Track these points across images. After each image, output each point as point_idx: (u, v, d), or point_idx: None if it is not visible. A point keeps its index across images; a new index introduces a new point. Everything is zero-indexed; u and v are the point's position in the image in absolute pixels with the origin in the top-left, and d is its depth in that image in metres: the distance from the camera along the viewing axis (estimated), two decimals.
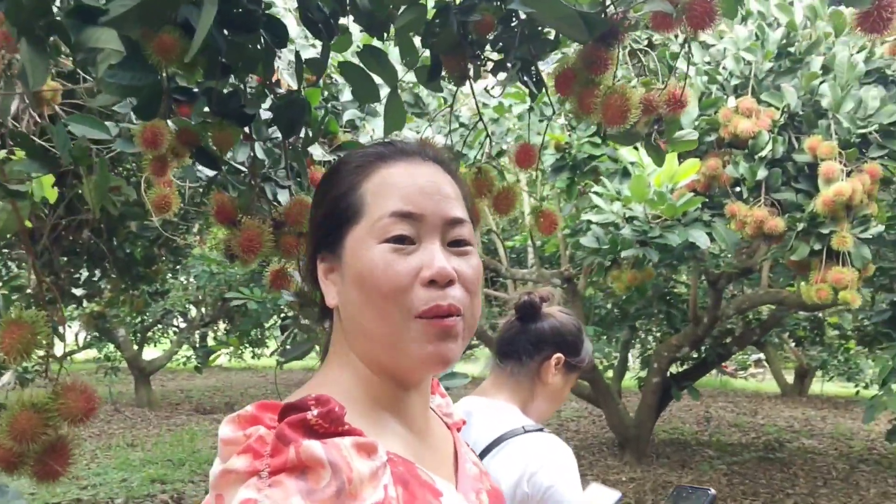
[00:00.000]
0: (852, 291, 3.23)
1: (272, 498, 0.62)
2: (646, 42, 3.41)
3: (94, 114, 2.37)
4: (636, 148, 3.44)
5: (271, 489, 0.63)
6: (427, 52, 1.79)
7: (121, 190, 2.12)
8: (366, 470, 0.66)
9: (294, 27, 2.69)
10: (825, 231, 3.34)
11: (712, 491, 0.93)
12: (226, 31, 1.44)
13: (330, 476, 0.63)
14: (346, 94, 3.01)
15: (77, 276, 5.36)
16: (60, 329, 2.19)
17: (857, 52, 3.54)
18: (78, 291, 5.72)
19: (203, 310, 11.28)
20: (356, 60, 1.83)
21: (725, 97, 3.65)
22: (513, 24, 1.70)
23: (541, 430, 1.61)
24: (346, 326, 0.82)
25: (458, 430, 1.02)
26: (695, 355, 7.65)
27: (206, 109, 1.65)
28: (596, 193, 3.66)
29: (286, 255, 1.77)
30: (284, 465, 0.64)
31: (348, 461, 0.65)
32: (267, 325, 10.78)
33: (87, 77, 2.88)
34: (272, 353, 14.24)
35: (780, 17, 3.66)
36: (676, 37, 4.12)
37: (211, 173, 1.76)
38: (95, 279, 5.49)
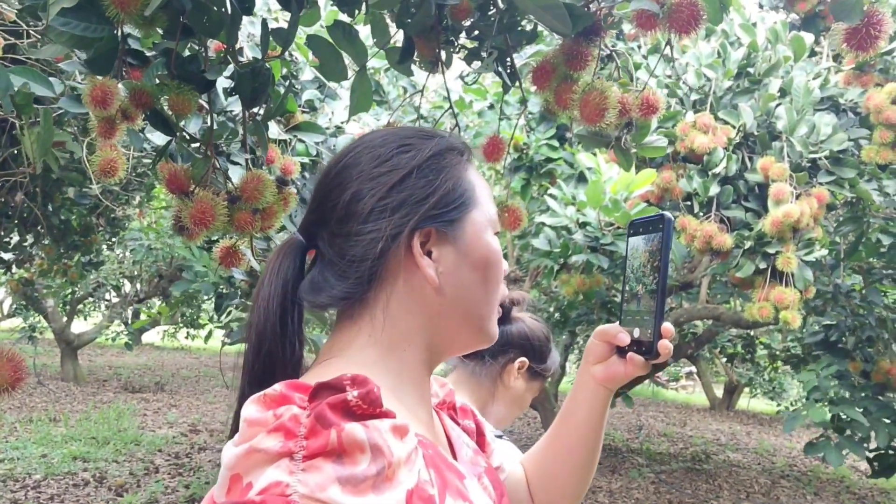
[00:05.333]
0: (793, 312, 3.30)
1: (307, 483, 0.59)
2: (607, 54, 3.41)
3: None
4: (594, 154, 3.45)
5: (306, 473, 0.59)
6: (399, 35, 1.74)
7: (66, 146, 2.00)
8: (402, 453, 0.64)
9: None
10: (771, 251, 3.40)
11: (668, 214, 0.87)
12: None
13: (369, 460, 0.61)
14: (306, 74, 2.93)
15: (7, 240, 5.12)
16: None
17: (814, 79, 3.62)
18: (7, 256, 5.47)
19: (138, 285, 10.96)
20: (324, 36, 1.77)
21: (684, 111, 3.69)
22: (490, 13, 1.66)
23: (500, 436, 1.57)
24: (435, 304, 0.81)
25: (452, 409, 1.01)
26: None
27: (164, 72, 1.57)
28: (551, 196, 3.65)
29: (239, 231, 1.70)
30: (323, 449, 0.60)
31: (388, 444, 0.63)
32: (203, 305, 10.53)
33: (31, 32, 2.74)
34: (206, 337, 13.96)
35: (742, 37, 3.72)
36: (640, 47, 4.15)
37: (164, 139, 1.67)
38: (27, 245, 5.25)
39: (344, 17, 1.86)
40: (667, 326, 0.86)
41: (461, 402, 1.05)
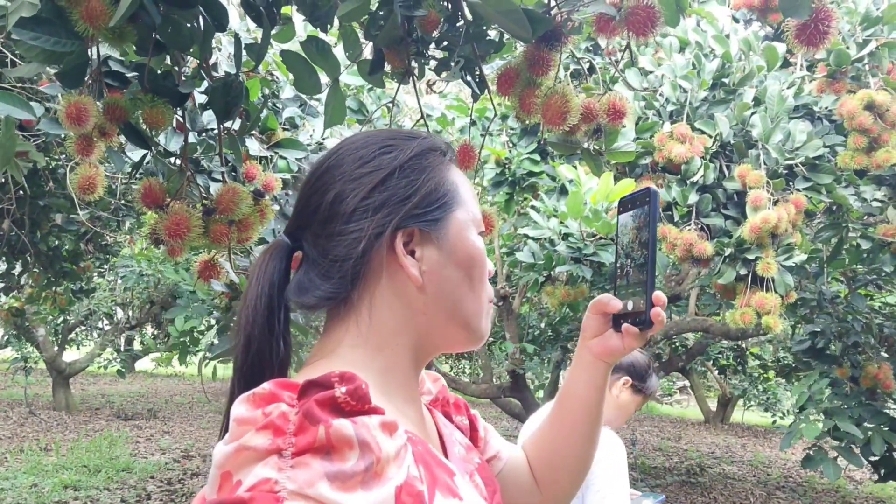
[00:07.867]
0: (774, 317, 3.32)
1: (295, 479, 0.59)
2: (587, 65, 3.47)
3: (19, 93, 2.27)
4: (574, 166, 3.49)
5: (294, 470, 0.60)
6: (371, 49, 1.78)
7: (29, 155, 2.02)
8: (391, 449, 0.64)
9: (236, 20, 2.65)
10: (751, 257, 3.43)
11: (653, 187, 0.87)
12: (161, 6, 1.40)
13: (357, 456, 0.61)
14: (287, 92, 2.97)
15: None
16: None
17: (787, 88, 3.68)
18: None
19: (130, 312, 10.93)
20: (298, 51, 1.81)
21: (661, 122, 3.74)
22: (458, 24, 1.70)
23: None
24: (419, 303, 0.82)
25: (445, 404, 1.02)
26: None
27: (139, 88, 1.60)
28: (534, 209, 3.69)
29: (215, 243, 1.72)
30: (311, 445, 0.61)
31: (377, 440, 0.63)
32: (197, 330, 10.49)
33: (17, 61, 2.77)
34: (201, 360, 13.88)
35: (716, 48, 3.78)
36: (617, 62, 4.21)
37: (140, 153, 1.70)
38: (15, 272, 5.24)
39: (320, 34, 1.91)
40: (658, 294, 0.87)
41: (454, 397, 1.06)
